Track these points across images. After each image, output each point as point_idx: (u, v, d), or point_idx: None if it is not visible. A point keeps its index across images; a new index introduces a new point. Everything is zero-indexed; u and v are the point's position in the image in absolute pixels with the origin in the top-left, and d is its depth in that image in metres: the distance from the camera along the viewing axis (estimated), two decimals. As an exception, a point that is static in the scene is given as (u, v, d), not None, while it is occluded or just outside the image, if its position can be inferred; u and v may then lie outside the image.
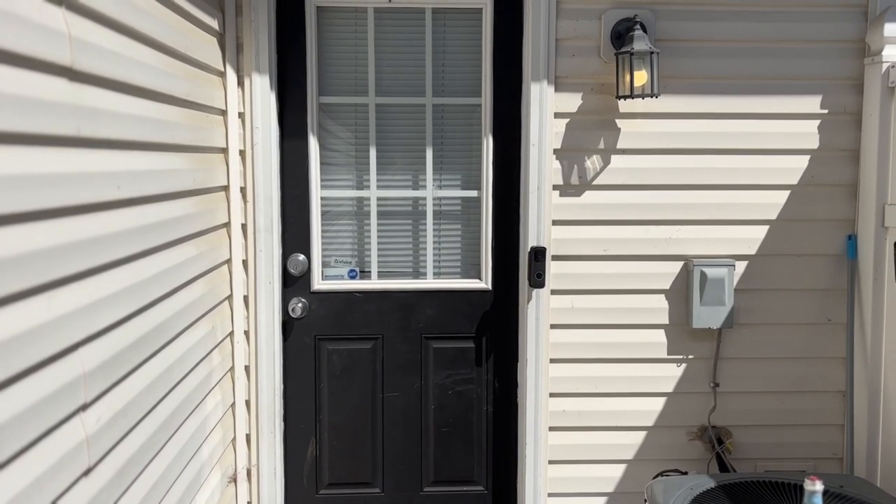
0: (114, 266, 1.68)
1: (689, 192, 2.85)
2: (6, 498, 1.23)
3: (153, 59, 1.94)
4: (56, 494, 1.40)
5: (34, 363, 1.32)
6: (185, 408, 2.21)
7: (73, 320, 1.47)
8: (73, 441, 1.47)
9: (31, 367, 1.31)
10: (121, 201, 1.72)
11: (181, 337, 2.17)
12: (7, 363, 1.23)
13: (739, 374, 2.93)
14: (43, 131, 1.35)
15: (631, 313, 2.89)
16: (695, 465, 2.95)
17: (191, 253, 2.27)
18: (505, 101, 2.89)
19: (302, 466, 2.98)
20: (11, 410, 1.25)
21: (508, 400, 3.01)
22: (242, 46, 2.71)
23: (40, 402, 1.34)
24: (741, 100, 2.82)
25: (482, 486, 3.04)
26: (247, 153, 2.75)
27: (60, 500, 1.42)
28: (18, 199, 1.27)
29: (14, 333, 1.25)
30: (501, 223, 2.94)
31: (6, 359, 1.23)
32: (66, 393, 1.44)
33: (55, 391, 1.40)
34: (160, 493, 2.00)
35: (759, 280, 2.90)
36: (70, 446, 1.46)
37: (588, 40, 2.78)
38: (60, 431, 1.42)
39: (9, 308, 1.24)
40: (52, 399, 1.38)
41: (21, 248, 1.27)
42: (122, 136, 1.72)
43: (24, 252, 1.29)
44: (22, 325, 1.28)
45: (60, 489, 1.42)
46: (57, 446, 1.41)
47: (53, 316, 1.39)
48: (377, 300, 2.94)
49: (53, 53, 1.39)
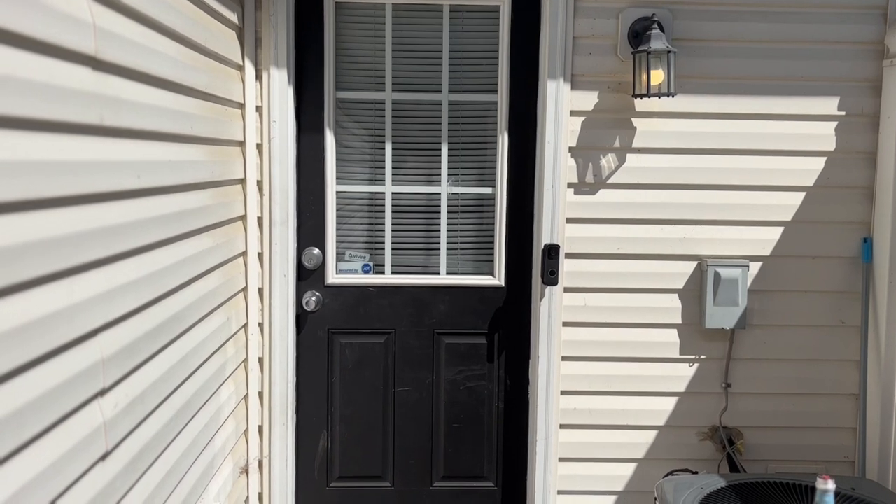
0: (133, 254, 1.70)
1: (704, 192, 2.85)
2: (26, 479, 1.25)
3: (174, 51, 1.96)
4: (74, 478, 1.42)
5: (55, 347, 1.34)
6: (199, 397, 2.23)
7: (93, 306, 1.49)
8: (91, 426, 1.49)
9: (52, 351, 1.33)
10: (140, 191, 1.74)
11: (197, 327, 2.20)
12: (30, 346, 1.25)
13: (752, 375, 2.92)
14: (68, 119, 1.37)
15: (644, 312, 2.89)
16: (705, 466, 2.95)
17: (207, 244, 2.30)
18: (521, 98, 2.89)
19: (313, 459, 3.00)
20: (33, 393, 1.27)
21: (519, 397, 3.01)
22: (261, 40, 2.73)
23: (61, 385, 1.36)
24: (758, 100, 2.82)
25: (492, 482, 3.05)
26: (264, 147, 2.77)
27: (78, 484, 1.44)
28: (43, 186, 1.29)
29: (37, 317, 1.27)
30: (515, 220, 2.95)
31: (29, 342, 1.25)
32: (85, 377, 1.46)
33: (75, 375, 1.42)
34: (174, 480, 2.02)
35: (772, 281, 2.89)
36: (88, 431, 1.48)
37: (605, 39, 2.78)
38: (79, 415, 1.44)
39: (32, 292, 1.26)
40: (72, 383, 1.40)
41: (44, 234, 1.30)
42: (143, 126, 1.74)
43: (47, 238, 1.31)
44: (44, 310, 1.30)
45: (78, 473, 1.44)
46: (76, 430, 1.43)
47: (74, 301, 1.41)
48: (390, 295, 2.96)
49: (79, 43, 1.41)
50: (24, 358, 1.24)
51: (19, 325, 1.22)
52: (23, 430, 1.24)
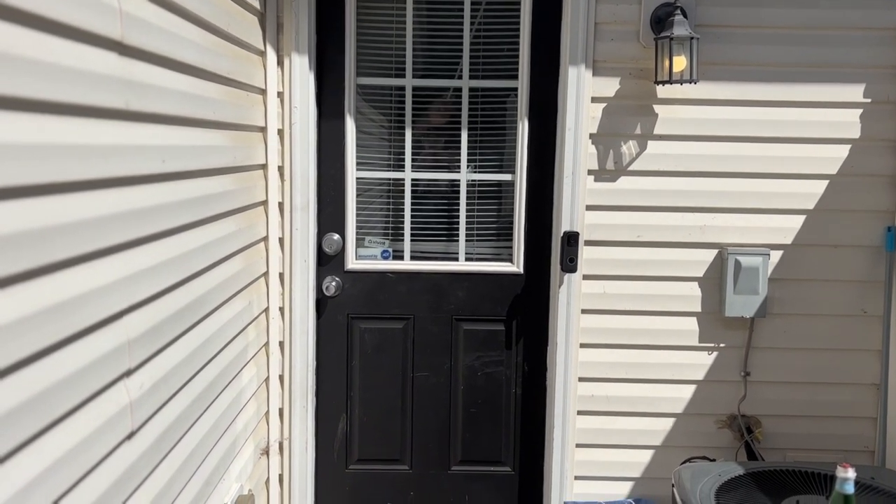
0: (157, 238, 1.73)
1: (725, 179, 2.83)
2: (57, 455, 1.28)
3: (198, 37, 1.97)
4: (102, 455, 1.45)
5: (84, 328, 1.37)
6: (221, 380, 2.26)
7: (118, 289, 1.51)
8: (117, 405, 1.52)
9: (80, 332, 1.36)
10: (165, 175, 1.76)
11: (219, 310, 2.22)
12: (60, 327, 1.28)
13: (771, 363, 2.91)
14: (94, 103, 1.39)
15: (663, 300, 2.89)
16: (723, 453, 2.95)
17: (230, 229, 2.32)
18: (541, 84, 2.89)
19: (332, 441, 3.03)
20: (63, 372, 1.30)
21: (537, 383, 3.03)
22: (282, 26, 2.74)
23: (89, 365, 1.39)
24: (782, 87, 2.79)
25: (509, 466, 3.07)
26: (285, 132, 2.79)
27: (106, 461, 1.47)
28: (70, 169, 1.31)
29: (66, 298, 1.30)
30: (535, 207, 2.95)
31: (59, 322, 1.28)
32: (112, 358, 1.49)
33: (103, 356, 1.44)
34: (197, 461, 2.05)
35: (794, 270, 2.88)
36: (115, 410, 1.51)
37: (627, 24, 2.76)
38: (107, 395, 1.47)
39: (61, 274, 1.29)
40: (99, 363, 1.43)
41: (71, 217, 1.32)
42: (167, 111, 1.76)
43: (75, 220, 1.33)
44: (72, 291, 1.33)
45: (106, 450, 1.47)
46: (103, 409, 1.46)
47: (101, 283, 1.44)
48: (409, 281, 2.97)
49: (105, 27, 1.42)
50: (55, 338, 1.27)
51: (50, 305, 1.25)
52: (53, 409, 1.27)
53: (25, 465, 1.19)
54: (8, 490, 1.15)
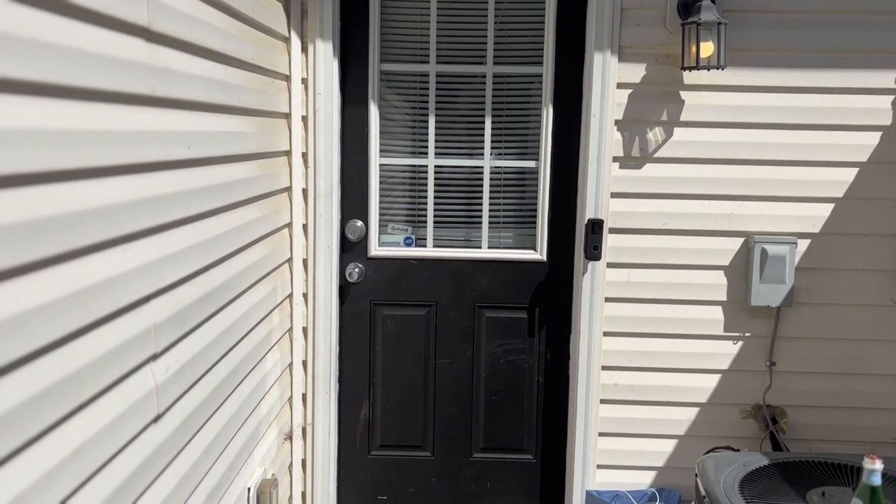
0: (183, 223, 1.74)
1: (752, 167, 2.79)
2: (85, 438, 1.30)
3: (223, 23, 1.98)
4: (129, 437, 1.47)
5: (110, 312, 1.38)
6: (245, 365, 2.28)
7: (145, 273, 1.53)
8: (143, 389, 1.54)
9: (108, 315, 1.37)
10: (190, 161, 1.77)
11: (244, 296, 2.24)
12: (88, 310, 1.29)
13: (797, 353, 2.88)
14: (121, 89, 1.40)
15: (688, 289, 2.86)
16: (747, 444, 2.92)
17: (254, 215, 2.33)
18: (566, 70, 2.86)
19: (355, 427, 3.05)
20: (91, 355, 1.31)
21: (560, 371, 3.02)
22: (307, 12, 2.74)
23: (116, 349, 1.41)
24: (811, 73, 2.74)
25: (531, 454, 3.07)
26: (309, 119, 2.79)
27: (132, 444, 1.49)
28: (98, 154, 1.32)
29: (93, 282, 1.31)
30: (559, 194, 2.93)
31: (87, 306, 1.29)
32: (139, 342, 1.50)
33: (129, 340, 1.46)
34: (221, 444, 2.08)
35: (821, 259, 2.84)
36: (142, 393, 1.53)
37: (654, 10, 2.73)
38: (133, 378, 1.49)
39: (89, 258, 1.30)
40: (126, 347, 1.45)
41: (99, 202, 1.33)
42: (193, 97, 1.77)
43: (102, 205, 1.34)
44: (99, 276, 1.34)
45: (132, 433, 1.49)
46: (130, 392, 1.48)
47: (128, 268, 1.45)
48: (432, 268, 2.97)
49: (132, 14, 1.43)
50: (84, 321, 1.28)
51: (80, 289, 1.26)
52: (82, 392, 1.28)
53: (55, 447, 1.21)
54: (38, 471, 1.17)
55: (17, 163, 1.09)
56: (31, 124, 1.12)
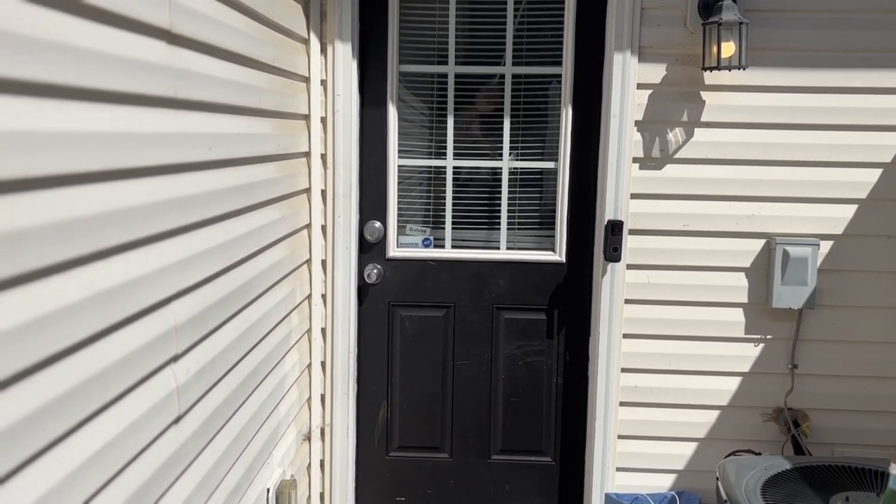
0: (204, 225, 1.74)
1: (774, 168, 2.76)
2: (109, 437, 1.31)
3: (244, 25, 1.98)
4: (150, 438, 1.48)
5: (133, 313, 1.39)
6: (265, 366, 2.29)
7: (166, 275, 1.53)
8: (165, 390, 1.54)
9: (129, 317, 1.38)
10: (211, 162, 1.78)
11: (263, 297, 2.24)
12: (109, 311, 1.30)
13: (819, 356, 2.85)
14: (143, 91, 1.41)
15: (709, 291, 2.84)
16: (768, 447, 2.89)
17: (274, 216, 2.34)
18: (586, 71, 2.85)
19: (373, 428, 3.05)
20: (114, 356, 1.32)
21: (579, 373, 3.00)
22: (326, 14, 2.75)
23: (139, 349, 1.41)
24: (834, 73, 2.71)
25: (549, 457, 3.06)
26: (328, 120, 2.79)
27: (154, 444, 1.50)
28: (121, 156, 1.32)
29: (116, 284, 1.32)
30: (578, 195, 2.91)
31: (111, 307, 1.30)
32: (160, 343, 1.51)
33: (151, 341, 1.47)
34: (241, 445, 2.08)
35: (844, 261, 2.80)
36: (163, 394, 1.53)
37: (674, 9, 2.71)
38: (155, 379, 1.50)
39: (110, 260, 1.31)
40: (148, 348, 1.45)
41: (122, 204, 1.34)
42: (213, 98, 1.77)
43: (125, 207, 1.35)
44: (121, 277, 1.35)
45: (154, 434, 1.49)
46: (152, 393, 1.48)
47: (149, 270, 1.46)
48: (450, 269, 2.97)
49: (154, 16, 1.44)
50: (107, 322, 1.29)
51: (103, 290, 1.27)
52: (106, 392, 1.29)
53: (79, 448, 1.22)
54: (63, 470, 1.17)
55: (42, 165, 1.09)
56: (55, 127, 1.12)
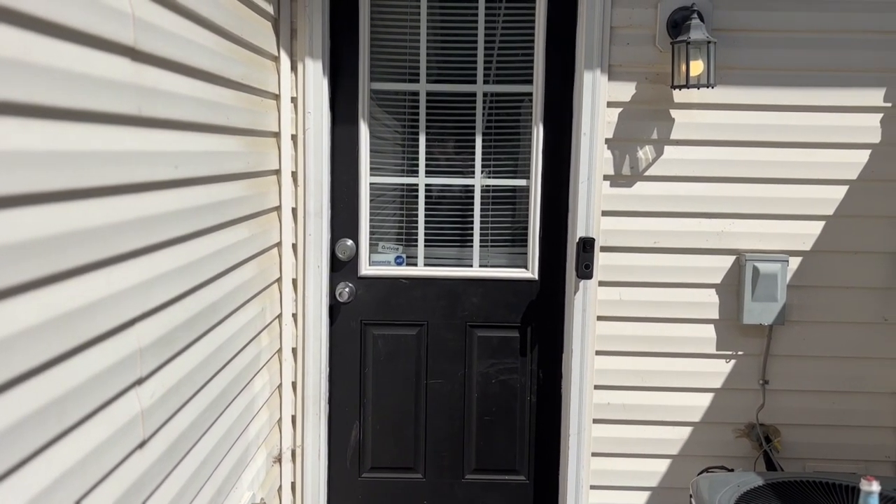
0: (169, 245, 1.71)
1: (743, 185, 2.79)
2: (68, 465, 1.27)
3: (211, 42, 1.96)
4: (113, 464, 1.44)
5: (94, 336, 1.35)
6: (234, 387, 2.25)
7: (130, 296, 1.50)
8: (129, 414, 1.51)
9: (91, 340, 1.34)
10: (177, 181, 1.75)
11: (232, 317, 2.21)
12: (71, 335, 1.26)
13: (790, 371, 2.87)
14: (106, 109, 1.38)
15: (680, 307, 2.85)
16: (741, 463, 2.90)
17: (243, 235, 2.31)
18: (557, 89, 2.86)
19: (345, 449, 3.01)
20: (74, 381, 1.28)
21: (552, 390, 2.99)
22: (296, 31, 2.73)
23: (100, 373, 1.37)
24: (800, 92, 2.75)
25: (524, 475, 3.04)
26: (299, 138, 2.77)
27: (117, 471, 1.46)
28: (83, 175, 1.29)
29: (77, 306, 1.29)
30: (550, 213, 2.92)
31: (70, 330, 1.26)
32: (123, 367, 1.47)
33: (113, 364, 1.43)
34: (209, 469, 2.04)
35: (813, 277, 2.83)
36: (126, 419, 1.49)
37: (643, 28, 2.73)
38: (118, 404, 1.46)
39: (72, 281, 1.27)
40: (110, 371, 1.42)
41: (83, 224, 1.30)
42: (180, 116, 1.75)
43: (86, 227, 1.31)
44: (83, 299, 1.31)
45: (117, 459, 1.45)
46: (115, 418, 1.44)
47: (112, 291, 1.42)
48: (423, 287, 2.95)
49: (118, 33, 1.41)
50: (67, 346, 1.25)
51: (63, 313, 1.24)
52: (65, 418, 1.25)
53: (37, 475, 1.18)
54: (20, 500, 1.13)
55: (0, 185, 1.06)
56: (13, 146, 1.09)
